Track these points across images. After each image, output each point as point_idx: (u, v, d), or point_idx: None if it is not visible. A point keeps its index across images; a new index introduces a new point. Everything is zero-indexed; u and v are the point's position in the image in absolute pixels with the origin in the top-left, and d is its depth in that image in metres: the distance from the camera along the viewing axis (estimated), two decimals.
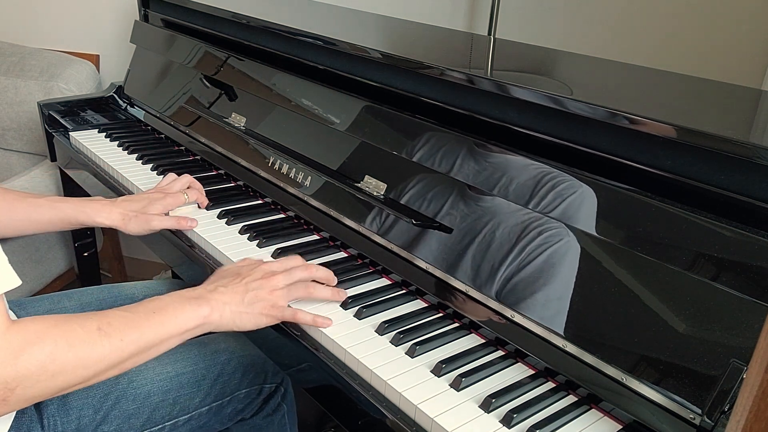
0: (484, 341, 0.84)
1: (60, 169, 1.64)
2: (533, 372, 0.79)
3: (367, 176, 1.03)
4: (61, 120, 1.58)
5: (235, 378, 1.01)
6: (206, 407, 0.98)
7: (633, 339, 0.70)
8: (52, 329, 0.67)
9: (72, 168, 1.55)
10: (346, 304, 0.88)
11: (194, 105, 1.43)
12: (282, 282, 0.86)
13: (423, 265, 0.91)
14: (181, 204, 1.13)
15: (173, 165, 1.35)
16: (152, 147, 1.45)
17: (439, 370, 0.77)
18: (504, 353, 0.82)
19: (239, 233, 1.07)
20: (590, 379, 0.73)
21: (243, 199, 1.20)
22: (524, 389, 0.75)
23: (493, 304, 0.83)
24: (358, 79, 1.13)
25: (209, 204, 1.16)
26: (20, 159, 1.88)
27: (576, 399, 0.75)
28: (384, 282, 0.96)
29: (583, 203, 0.79)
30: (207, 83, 1.43)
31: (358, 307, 0.87)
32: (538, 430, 0.69)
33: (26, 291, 1.63)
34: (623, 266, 0.74)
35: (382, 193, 0.99)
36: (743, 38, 1.60)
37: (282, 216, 1.15)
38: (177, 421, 0.96)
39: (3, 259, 0.65)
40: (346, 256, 1.02)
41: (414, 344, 0.80)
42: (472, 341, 0.84)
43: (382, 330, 0.84)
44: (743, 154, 0.69)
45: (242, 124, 1.29)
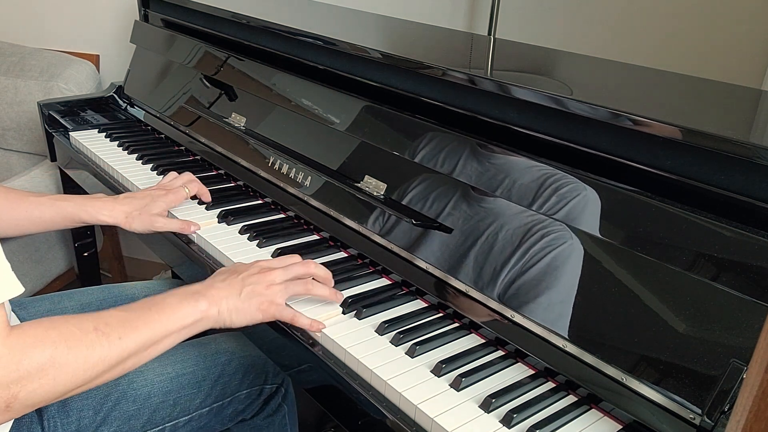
0: (484, 341, 0.84)
1: (60, 169, 1.64)
2: (533, 372, 0.79)
3: (367, 176, 1.03)
4: (61, 120, 1.58)
5: (236, 379, 1.01)
6: (207, 408, 0.98)
7: (633, 339, 0.70)
8: (50, 332, 0.66)
9: (72, 168, 1.55)
10: (346, 304, 0.88)
11: (194, 105, 1.43)
12: (279, 277, 0.85)
13: (423, 265, 0.91)
14: (183, 199, 1.12)
15: (173, 165, 1.35)
16: (152, 147, 1.45)
17: (439, 370, 0.77)
18: (504, 353, 0.82)
19: (239, 233, 1.07)
20: (590, 379, 0.73)
21: (243, 199, 1.20)
22: (524, 389, 0.75)
23: (494, 305, 0.83)
24: (358, 79, 1.13)
25: (209, 204, 1.16)
26: (20, 159, 1.88)
27: (576, 399, 0.75)
28: (384, 282, 0.96)
29: (584, 204, 0.79)
30: (207, 83, 1.43)
31: (358, 307, 0.87)
32: (538, 430, 0.69)
33: (26, 291, 1.62)
34: (624, 266, 0.74)
35: (382, 193, 0.99)
36: (743, 38, 1.60)
37: (282, 216, 1.15)
38: (177, 423, 0.96)
39: (6, 266, 0.65)
40: (346, 256, 1.02)
41: (414, 344, 0.80)
42: (472, 341, 0.84)
43: (382, 330, 0.84)
44: (743, 154, 0.69)
45: (242, 124, 1.29)
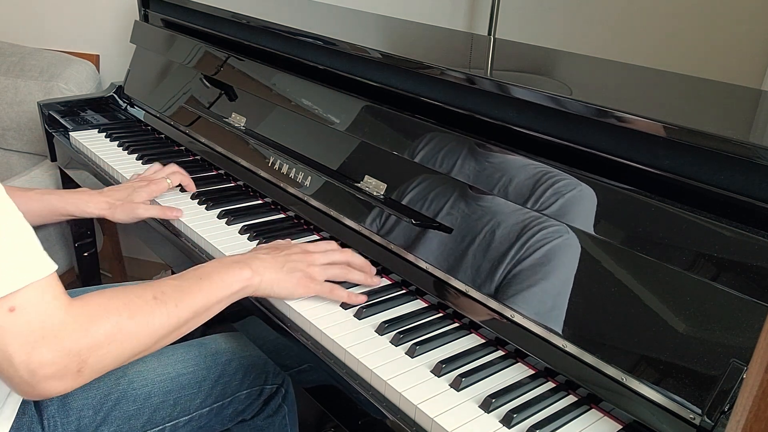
0: (484, 341, 0.84)
1: (60, 169, 1.64)
2: (533, 372, 0.79)
3: (367, 176, 1.03)
4: (61, 120, 1.58)
5: (236, 379, 1.01)
6: (207, 408, 0.98)
7: (633, 339, 0.70)
8: (113, 301, 0.71)
9: (72, 168, 1.55)
10: (346, 305, 0.88)
11: (194, 105, 1.43)
12: (320, 260, 0.90)
13: (423, 265, 0.91)
14: (165, 190, 1.16)
15: None
16: (152, 147, 1.45)
17: (439, 370, 0.77)
18: (504, 353, 0.82)
19: (239, 233, 1.07)
20: (590, 379, 0.73)
21: (243, 199, 1.20)
22: (524, 389, 0.75)
23: (493, 304, 0.83)
24: (358, 79, 1.13)
25: (209, 204, 1.16)
26: (20, 159, 1.88)
27: (576, 399, 0.75)
28: (384, 282, 0.96)
29: (584, 203, 0.79)
30: (207, 83, 1.43)
31: (358, 307, 0.87)
32: (538, 430, 0.69)
33: None
34: (623, 266, 0.74)
35: (382, 193, 0.99)
36: (743, 38, 1.60)
37: (282, 216, 1.15)
38: (177, 422, 0.96)
39: (39, 246, 0.66)
40: None
41: (414, 344, 0.80)
42: (472, 341, 0.84)
43: (382, 330, 0.84)
44: (743, 154, 0.69)
45: (242, 124, 1.29)
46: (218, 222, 1.11)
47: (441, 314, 0.89)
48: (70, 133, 1.51)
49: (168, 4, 1.64)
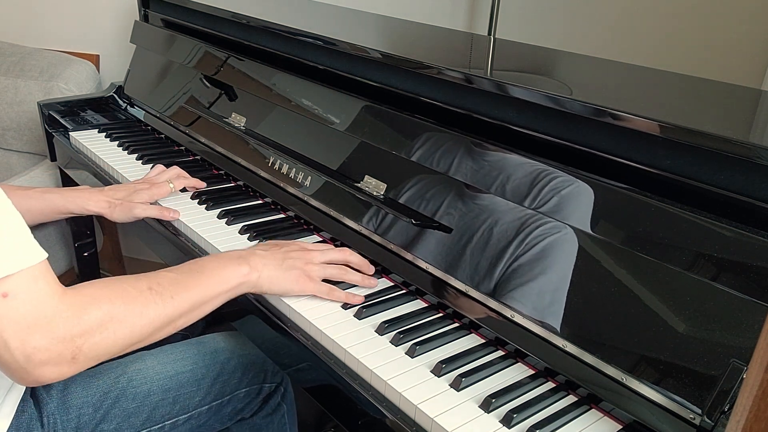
0: (484, 341, 0.84)
1: (60, 169, 1.64)
2: (533, 372, 0.79)
3: (367, 176, 1.03)
4: (61, 120, 1.58)
5: (235, 377, 1.01)
6: (206, 406, 0.98)
7: (633, 339, 0.70)
8: (105, 290, 0.71)
9: (72, 168, 1.55)
10: (346, 304, 0.88)
11: (194, 105, 1.43)
12: (318, 258, 0.91)
13: (423, 265, 0.91)
14: (167, 194, 1.16)
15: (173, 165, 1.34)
16: (152, 147, 1.45)
17: (439, 370, 0.77)
18: (504, 353, 0.82)
19: (239, 233, 1.07)
20: (590, 379, 0.73)
21: (243, 199, 1.20)
22: (524, 389, 0.75)
23: (493, 304, 0.83)
24: (358, 79, 1.13)
25: (209, 204, 1.16)
26: (20, 159, 1.88)
27: (576, 399, 0.75)
28: (384, 282, 0.96)
29: (583, 203, 0.79)
30: (207, 83, 1.43)
31: (358, 307, 0.87)
32: (538, 430, 0.69)
33: None
34: (623, 266, 0.74)
35: (382, 193, 0.99)
36: (743, 38, 1.60)
37: (282, 216, 1.15)
38: (177, 420, 0.96)
39: (29, 234, 0.67)
40: None
41: (414, 344, 0.80)
42: (472, 341, 0.84)
43: (382, 330, 0.84)
44: (743, 154, 0.69)
45: (242, 124, 1.29)
46: (218, 222, 1.11)
47: (441, 314, 0.89)
48: (70, 133, 1.51)
49: (168, 4, 1.64)
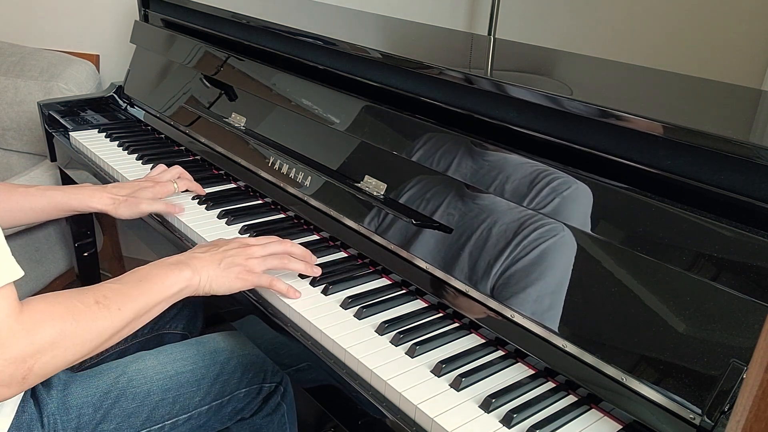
0: (484, 341, 0.84)
1: (60, 169, 1.64)
2: (533, 372, 0.79)
3: (367, 176, 1.03)
4: (61, 120, 1.58)
5: (235, 377, 1.01)
6: (206, 406, 0.98)
7: (633, 339, 0.70)
8: (57, 307, 0.71)
9: (72, 168, 1.55)
10: (347, 304, 0.88)
11: (194, 105, 1.43)
12: (258, 252, 0.90)
13: (423, 265, 0.91)
14: (171, 193, 1.16)
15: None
16: (152, 147, 1.45)
17: (439, 370, 0.77)
18: (504, 353, 0.82)
19: (239, 233, 1.07)
20: (590, 379, 0.73)
21: (243, 199, 1.20)
22: (524, 389, 0.75)
23: (493, 304, 0.83)
24: (358, 79, 1.13)
25: (209, 204, 1.16)
26: (20, 159, 1.88)
27: (576, 399, 0.75)
28: (384, 282, 0.96)
29: (583, 203, 0.79)
30: (207, 83, 1.43)
31: (358, 307, 0.87)
32: (538, 430, 0.69)
33: (26, 291, 1.63)
34: (623, 266, 0.74)
35: (382, 193, 0.99)
36: (743, 38, 1.60)
37: (282, 216, 1.15)
38: (177, 420, 0.96)
39: (6, 251, 0.67)
40: (346, 256, 1.02)
41: (414, 344, 0.80)
42: (472, 341, 0.84)
43: (382, 330, 0.84)
44: (743, 154, 0.69)
45: (242, 124, 1.29)
46: (218, 222, 1.11)
47: (441, 314, 0.89)
48: (70, 133, 1.51)
49: (168, 4, 1.64)
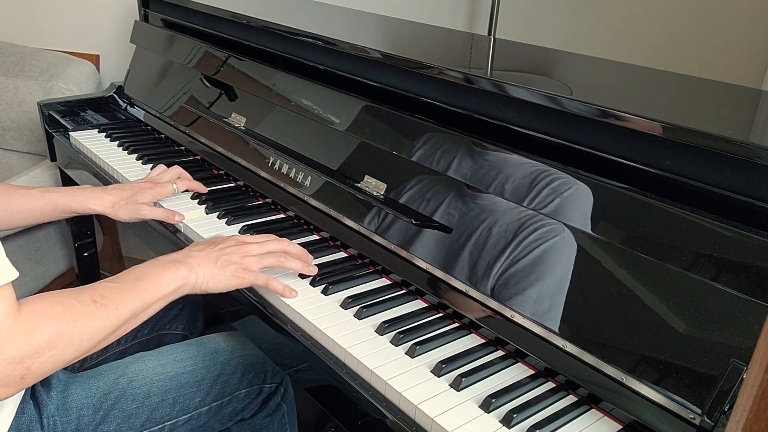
0: (484, 341, 0.84)
1: (60, 169, 1.64)
2: (533, 372, 0.79)
3: (367, 176, 1.03)
4: (61, 120, 1.58)
5: (235, 378, 1.01)
6: (206, 407, 0.98)
7: (633, 339, 0.70)
8: (56, 306, 0.71)
9: (72, 168, 1.55)
10: (347, 304, 0.88)
11: (194, 105, 1.43)
12: (255, 250, 0.90)
13: (423, 265, 0.91)
14: (170, 194, 1.16)
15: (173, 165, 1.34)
16: (152, 147, 1.45)
17: (439, 370, 0.77)
18: (504, 353, 0.82)
19: (239, 233, 1.07)
20: (590, 379, 0.73)
21: (243, 199, 1.20)
22: (524, 389, 0.75)
23: (493, 304, 0.83)
24: (358, 79, 1.13)
25: (209, 204, 1.16)
26: (20, 159, 1.88)
27: (576, 399, 0.75)
28: (384, 282, 0.96)
29: (583, 203, 0.79)
30: (207, 83, 1.43)
31: (358, 307, 0.87)
32: (538, 430, 0.68)
33: (26, 291, 1.63)
34: (623, 266, 0.74)
35: (382, 193, 0.99)
36: (743, 38, 1.60)
37: (282, 216, 1.15)
38: (177, 421, 0.96)
39: (1, 253, 0.67)
40: (346, 256, 1.02)
41: (414, 344, 0.80)
42: (472, 341, 0.84)
43: (382, 330, 0.84)
44: (743, 154, 0.69)
45: (242, 124, 1.29)
46: (218, 222, 1.11)
47: (441, 314, 0.89)
48: (70, 133, 1.51)
49: (168, 4, 1.64)
